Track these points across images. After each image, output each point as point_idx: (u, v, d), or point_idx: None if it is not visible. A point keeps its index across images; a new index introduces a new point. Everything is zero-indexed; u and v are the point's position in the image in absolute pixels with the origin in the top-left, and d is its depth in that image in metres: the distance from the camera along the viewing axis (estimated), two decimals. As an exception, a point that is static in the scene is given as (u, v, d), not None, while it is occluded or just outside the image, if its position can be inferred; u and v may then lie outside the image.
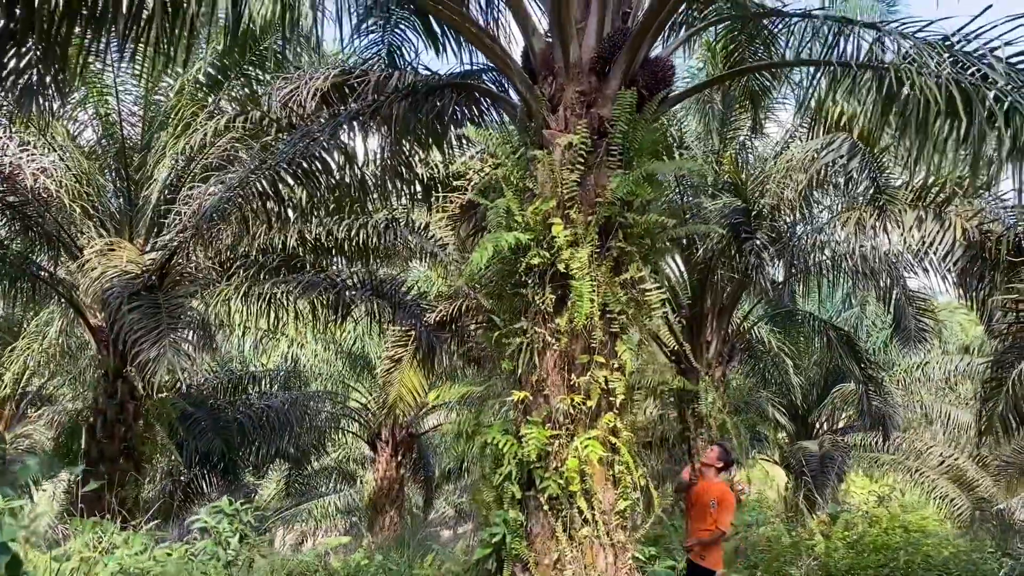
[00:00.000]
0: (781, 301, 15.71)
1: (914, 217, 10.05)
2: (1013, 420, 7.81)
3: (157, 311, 7.94)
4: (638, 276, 5.19)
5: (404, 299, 10.40)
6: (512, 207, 5.26)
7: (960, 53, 6.15)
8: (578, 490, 5.09)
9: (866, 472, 17.55)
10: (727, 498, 6.10)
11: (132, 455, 11.07)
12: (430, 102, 6.69)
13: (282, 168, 7.47)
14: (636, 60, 5.45)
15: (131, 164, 10.68)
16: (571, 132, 5.32)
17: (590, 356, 5.20)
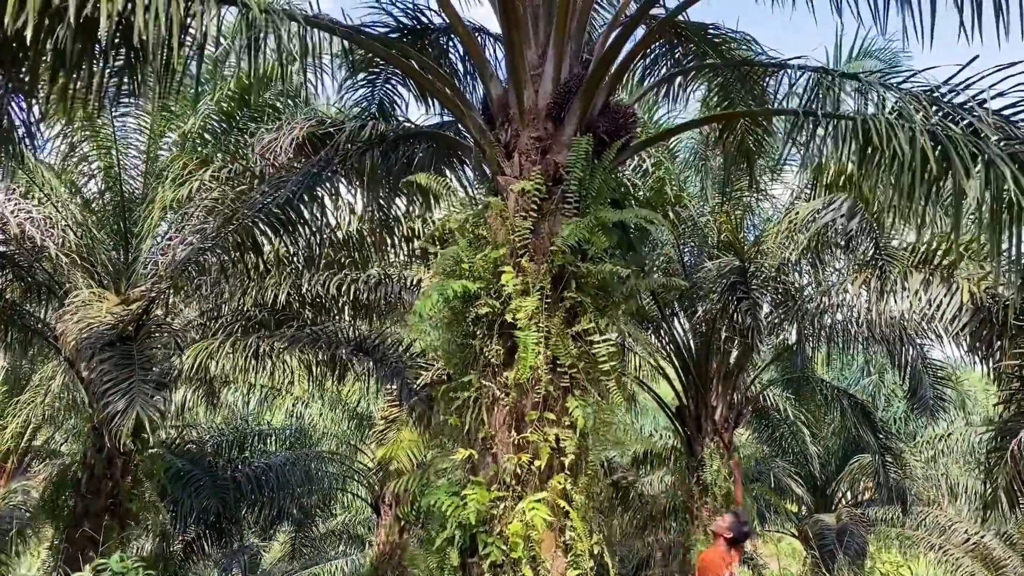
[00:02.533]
0: (795, 366, 15.29)
1: (920, 280, 9.72)
2: (1019, 492, 7.34)
3: (129, 362, 7.81)
4: (591, 328, 4.93)
5: (388, 356, 10.19)
6: (461, 254, 5.06)
7: (948, 104, 5.92)
8: (523, 557, 4.76)
9: (887, 548, 16.81)
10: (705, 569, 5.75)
11: (118, 511, 10.86)
12: (400, 151, 6.59)
13: (258, 218, 7.40)
14: (592, 106, 5.30)
15: (130, 217, 10.73)
16: (526, 178, 5.15)
17: (539, 412, 4.93)
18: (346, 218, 9.70)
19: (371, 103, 8.43)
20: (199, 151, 10.29)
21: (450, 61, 7.23)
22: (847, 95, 6.24)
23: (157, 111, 10.33)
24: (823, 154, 7.64)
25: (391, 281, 10.82)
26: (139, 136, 10.90)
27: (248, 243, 7.68)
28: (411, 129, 6.80)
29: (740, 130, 8.30)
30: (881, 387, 18.59)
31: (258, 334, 9.70)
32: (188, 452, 14.80)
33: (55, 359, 13.95)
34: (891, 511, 16.24)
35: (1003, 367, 8.30)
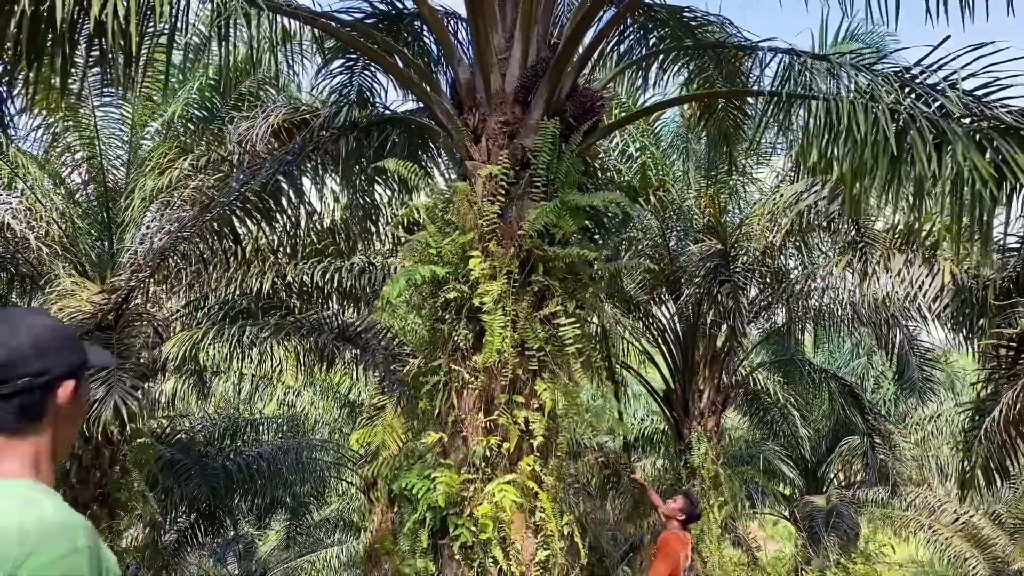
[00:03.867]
0: (785, 349, 15.35)
1: (902, 261, 9.75)
2: (995, 471, 7.37)
3: (108, 351, 7.81)
4: (558, 312, 4.95)
5: (372, 343, 10.20)
6: (429, 239, 5.07)
7: (920, 86, 5.92)
8: (493, 538, 4.79)
9: (880, 529, 16.91)
10: (660, 549, 5.81)
11: (107, 502, 10.89)
12: (374, 137, 6.58)
13: (235, 206, 7.39)
14: (560, 90, 5.29)
15: (114, 206, 10.71)
16: (493, 163, 5.15)
17: (508, 395, 4.95)
18: (330, 206, 9.71)
19: (350, 90, 8.41)
20: (180, 140, 10.28)
21: (424, 45, 7.21)
22: (819, 77, 6.23)
23: (139, 101, 10.31)
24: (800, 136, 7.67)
25: (375, 269, 10.82)
26: (122, 126, 10.90)
27: (227, 231, 7.68)
28: (384, 115, 6.79)
29: (719, 113, 8.30)
30: (870, 369, 18.65)
31: (243, 323, 9.71)
32: (179, 442, 14.82)
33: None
34: (881, 492, 16.35)
35: (982, 346, 8.32)
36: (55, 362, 1.53)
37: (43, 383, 1.51)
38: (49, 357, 1.53)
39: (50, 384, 1.52)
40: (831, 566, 9.43)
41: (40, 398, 1.51)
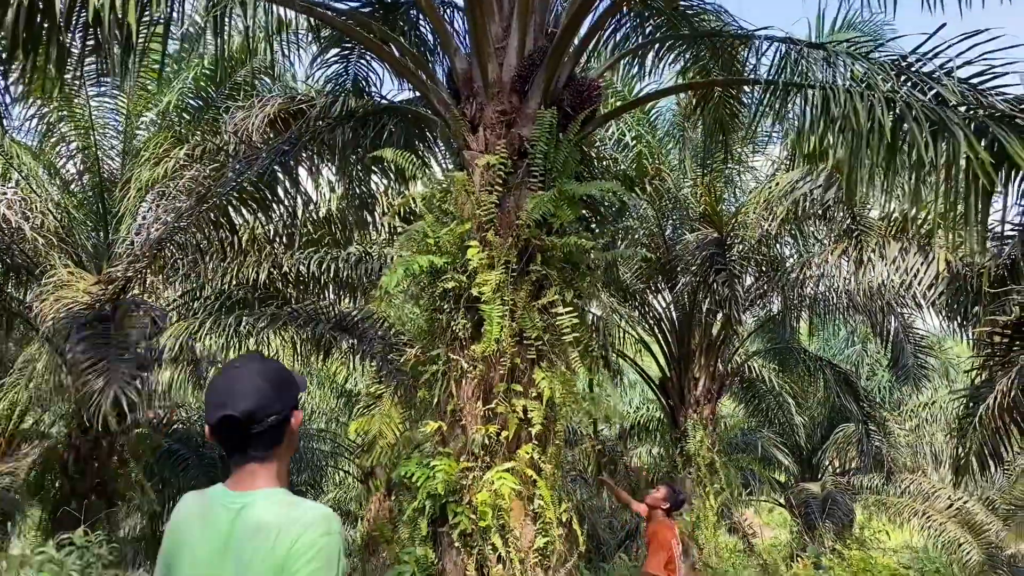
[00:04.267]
0: (780, 337, 15.40)
1: (897, 249, 9.78)
2: (989, 457, 7.43)
3: (106, 342, 7.81)
4: (556, 301, 4.96)
5: (368, 333, 10.20)
6: (427, 229, 5.08)
7: (916, 74, 5.93)
8: (492, 526, 4.82)
9: (875, 515, 17.00)
10: (653, 539, 5.84)
11: (105, 492, 10.92)
12: (370, 127, 6.57)
13: (231, 196, 7.39)
14: (556, 79, 5.29)
15: (109, 197, 10.69)
16: (491, 152, 5.15)
17: (507, 384, 4.97)
18: (326, 195, 9.70)
19: (345, 79, 8.40)
20: (175, 130, 10.26)
21: (420, 35, 7.20)
22: (815, 65, 6.24)
23: (134, 91, 10.28)
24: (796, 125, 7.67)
25: (371, 258, 10.82)
26: (116, 116, 10.86)
27: (223, 221, 7.68)
28: (381, 104, 6.78)
29: (715, 102, 8.31)
30: (865, 357, 18.71)
31: (239, 313, 9.71)
32: (176, 432, 14.83)
33: (38, 341, 13.95)
34: (875, 479, 16.43)
35: (977, 334, 8.36)
36: (287, 398, 1.98)
37: (283, 417, 1.95)
38: (283, 396, 1.96)
39: (286, 417, 1.97)
40: (827, 552, 9.50)
41: (281, 429, 1.96)
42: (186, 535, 1.93)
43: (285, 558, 1.78)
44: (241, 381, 1.94)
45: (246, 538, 1.83)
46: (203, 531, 1.90)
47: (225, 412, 1.90)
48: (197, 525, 1.92)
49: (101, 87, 10.37)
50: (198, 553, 1.88)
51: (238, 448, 1.96)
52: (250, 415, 1.89)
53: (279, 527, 1.81)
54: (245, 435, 1.92)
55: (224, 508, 1.91)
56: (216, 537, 1.87)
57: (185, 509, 2.02)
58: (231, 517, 1.88)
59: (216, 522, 1.89)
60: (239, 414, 1.89)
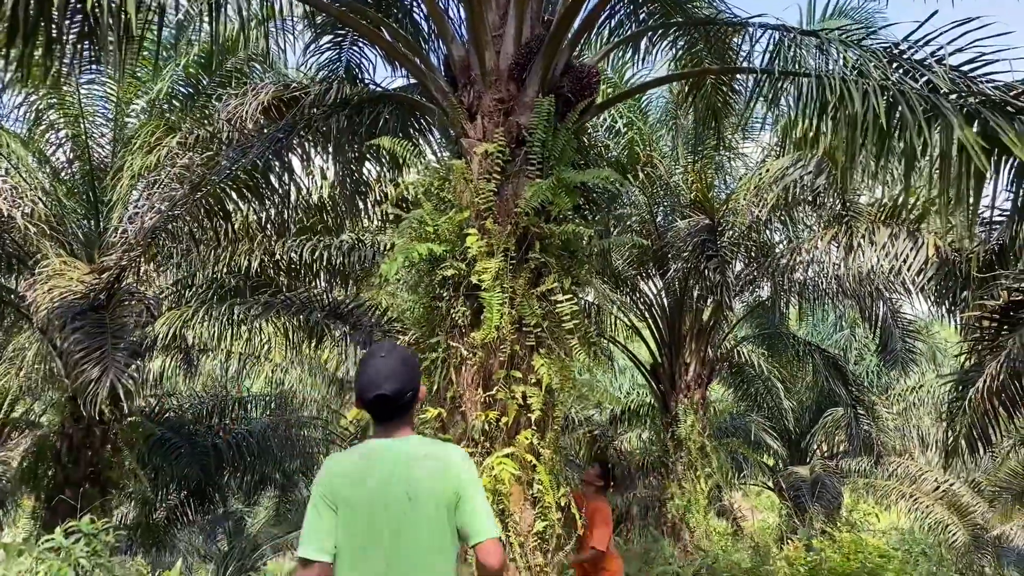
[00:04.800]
0: (769, 322, 15.51)
1: (887, 234, 9.85)
2: (978, 440, 7.55)
3: (102, 331, 7.82)
4: (555, 288, 5.01)
5: (362, 321, 10.24)
6: (426, 217, 5.10)
7: (908, 61, 5.97)
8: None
9: (863, 498, 17.20)
10: (596, 515, 5.90)
11: (98, 480, 10.92)
12: (365, 115, 6.58)
13: (225, 184, 7.38)
14: (554, 67, 5.32)
15: (99, 185, 10.65)
16: (489, 141, 5.18)
17: (506, 371, 5.02)
18: (317, 183, 9.69)
19: (338, 66, 8.38)
20: (167, 118, 10.21)
21: (414, 21, 7.20)
22: (808, 53, 6.27)
23: (124, 78, 10.22)
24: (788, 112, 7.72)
25: (364, 246, 10.83)
26: (106, 104, 10.81)
27: (217, 209, 7.67)
28: (376, 92, 6.78)
29: (707, 89, 8.34)
30: (853, 341, 18.86)
31: (232, 301, 9.72)
32: (168, 420, 14.83)
33: (28, 330, 13.90)
34: (863, 462, 16.61)
35: (966, 318, 8.47)
36: (418, 375, 2.68)
37: (417, 391, 2.66)
38: (417, 375, 2.67)
39: (416, 389, 2.66)
40: (817, 535, 9.62)
41: (415, 399, 2.66)
42: (353, 477, 2.55)
43: (458, 483, 2.54)
44: (388, 366, 2.60)
45: (414, 464, 2.55)
46: (372, 467, 2.56)
47: (379, 391, 2.56)
48: (364, 466, 2.57)
49: (91, 74, 10.32)
50: (372, 484, 2.52)
51: (389, 415, 2.62)
52: (398, 392, 2.58)
53: (440, 458, 2.58)
54: (395, 406, 2.59)
55: (389, 450, 2.59)
56: (384, 468, 2.54)
57: (344, 461, 2.63)
58: (397, 455, 2.57)
59: (384, 459, 2.56)
60: (390, 393, 2.56)
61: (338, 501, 2.53)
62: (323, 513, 2.53)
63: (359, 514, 2.51)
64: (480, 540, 2.52)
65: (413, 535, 2.49)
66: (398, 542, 2.48)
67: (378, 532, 2.49)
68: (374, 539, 2.49)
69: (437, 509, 2.51)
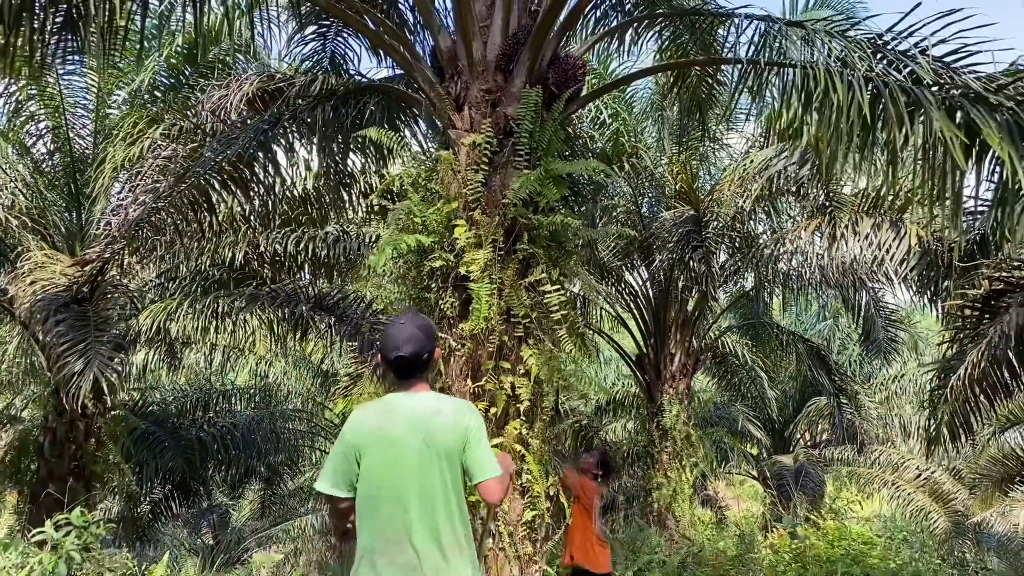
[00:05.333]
0: (753, 312, 15.59)
1: (870, 225, 9.91)
2: (960, 427, 7.63)
3: (85, 324, 7.75)
4: (543, 278, 5.02)
5: (349, 312, 10.21)
6: (414, 208, 5.10)
7: (891, 52, 6.00)
8: (481, 501, 4.88)
9: (845, 486, 17.36)
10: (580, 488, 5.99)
11: (82, 474, 10.85)
12: (351, 106, 6.55)
13: (210, 176, 7.32)
14: (541, 58, 5.32)
15: (81, 177, 10.56)
16: (476, 132, 5.18)
17: (495, 361, 5.03)
18: (302, 175, 9.65)
19: (323, 57, 8.35)
20: (149, 109, 10.13)
21: (400, 12, 7.17)
22: (793, 44, 6.30)
23: (105, 69, 10.13)
24: (772, 103, 7.75)
25: (349, 238, 10.79)
26: (87, 95, 10.70)
27: (202, 201, 7.61)
28: (362, 83, 6.75)
29: (692, 80, 8.37)
30: (836, 331, 18.99)
31: (216, 293, 9.66)
32: (152, 413, 14.75)
33: (10, 323, 13.77)
34: (846, 451, 16.76)
35: (947, 307, 8.55)
36: (433, 341, 3.03)
37: (432, 353, 3.01)
38: (432, 340, 3.02)
39: (432, 352, 3.01)
40: (800, 523, 9.71)
41: (431, 360, 3.03)
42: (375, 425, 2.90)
43: (467, 431, 2.89)
44: (407, 331, 2.96)
45: (430, 416, 2.89)
46: (392, 417, 2.90)
47: (399, 353, 2.92)
48: (385, 417, 2.91)
49: (71, 65, 10.21)
50: (393, 431, 2.86)
51: (407, 373, 2.97)
52: (416, 354, 2.93)
53: (451, 410, 2.93)
54: (413, 366, 2.95)
55: (408, 404, 2.93)
56: (404, 419, 2.88)
57: (366, 414, 2.99)
58: (414, 407, 2.91)
59: (403, 411, 2.90)
60: (408, 355, 2.93)
61: (362, 451, 2.88)
62: (348, 458, 2.89)
63: (381, 461, 2.85)
64: (483, 479, 2.92)
65: (431, 476, 2.85)
66: (420, 483, 2.84)
67: (400, 478, 2.84)
68: (397, 484, 2.84)
69: (449, 453, 2.87)
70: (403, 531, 2.81)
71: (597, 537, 6.07)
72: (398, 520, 2.81)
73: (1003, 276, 7.68)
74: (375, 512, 2.84)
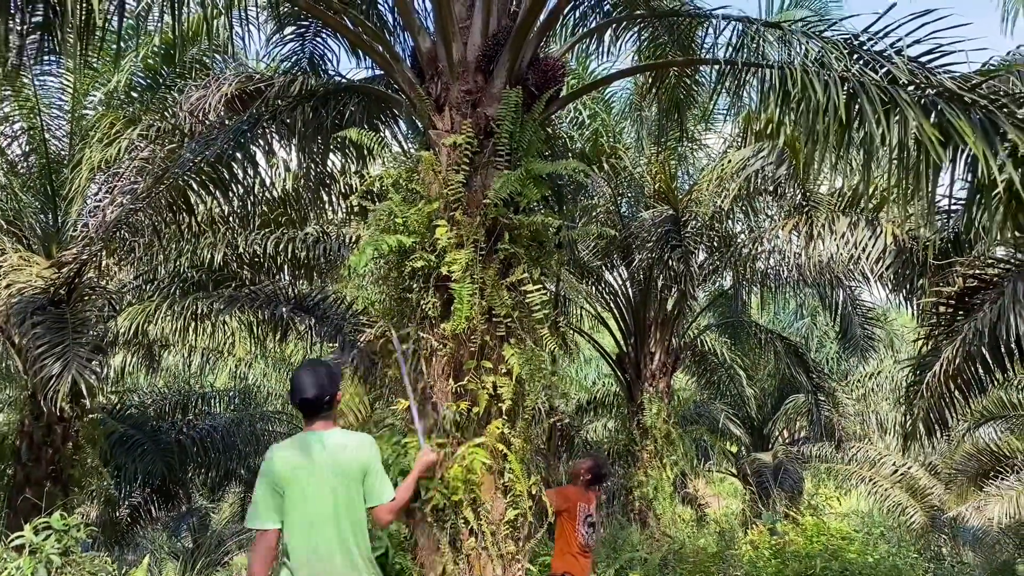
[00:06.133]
0: (731, 311, 15.70)
1: (847, 223, 10.02)
2: (935, 423, 7.74)
3: (62, 326, 7.70)
4: (524, 278, 5.04)
5: (329, 313, 10.19)
6: (395, 209, 5.10)
7: (868, 53, 6.07)
8: (464, 500, 4.90)
9: (823, 483, 17.52)
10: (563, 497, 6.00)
11: (60, 478, 10.75)
12: (331, 106, 6.55)
13: (189, 177, 7.30)
14: (521, 59, 5.33)
15: (57, 178, 10.46)
16: (457, 132, 5.19)
17: (477, 361, 5.04)
18: (282, 175, 9.61)
19: (301, 57, 8.32)
20: (126, 110, 10.06)
21: (379, 13, 7.17)
22: (770, 45, 6.36)
23: (81, 69, 10.04)
24: (750, 103, 7.81)
25: (329, 239, 10.76)
26: (63, 95, 10.60)
27: (180, 202, 7.58)
28: (341, 83, 6.74)
29: (671, 81, 8.42)
30: (814, 329, 19.16)
31: (195, 295, 9.62)
32: (130, 417, 14.64)
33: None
34: (824, 448, 16.92)
35: (923, 305, 8.66)
36: (336, 385, 3.58)
37: (334, 395, 3.56)
38: (334, 384, 3.58)
39: (335, 395, 3.57)
40: (780, 519, 9.81)
41: (333, 401, 3.57)
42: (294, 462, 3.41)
43: (366, 463, 3.51)
44: (310, 378, 3.50)
45: (338, 451, 3.45)
46: (307, 453, 3.41)
47: (304, 396, 3.48)
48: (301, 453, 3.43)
49: (46, 65, 10.11)
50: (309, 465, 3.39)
51: (313, 413, 3.52)
52: (318, 397, 3.48)
53: (355, 445, 3.52)
54: (317, 407, 3.50)
55: (318, 441, 3.47)
56: (317, 454, 3.42)
57: (284, 450, 3.49)
58: (324, 443, 3.46)
59: (315, 447, 3.44)
60: (312, 398, 3.48)
61: (283, 484, 3.35)
62: (271, 493, 3.36)
63: (303, 492, 3.35)
64: (378, 503, 3.52)
65: (346, 503, 3.40)
66: (337, 510, 3.37)
67: (321, 504, 3.36)
68: (319, 510, 3.35)
69: (355, 482, 3.45)
70: (326, 549, 3.34)
71: (579, 546, 6.06)
72: (322, 540, 3.34)
73: (976, 273, 7.80)
74: (302, 534, 3.33)
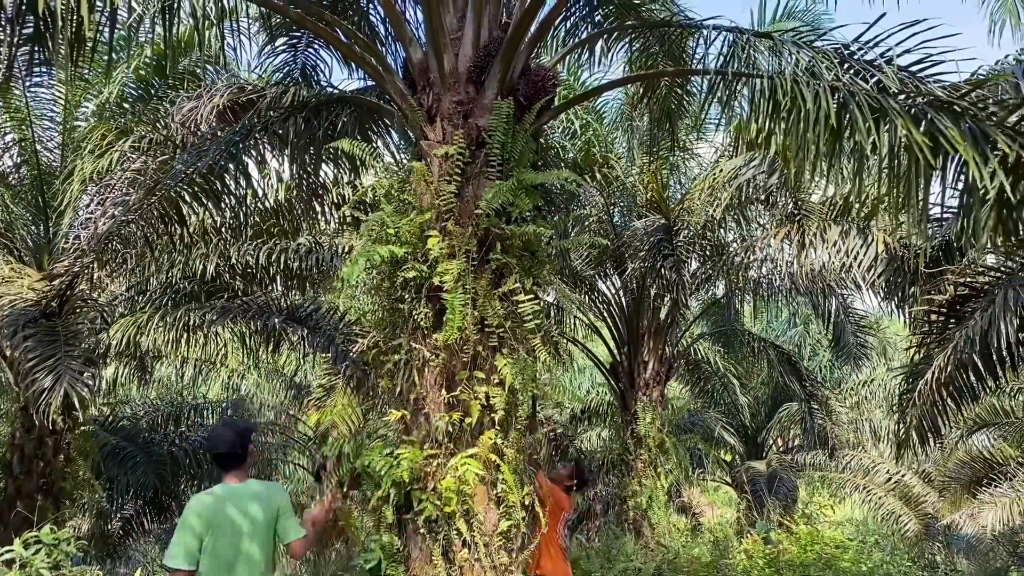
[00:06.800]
0: (725, 320, 15.74)
1: (838, 232, 10.05)
2: (928, 431, 7.75)
3: (54, 338, 7.67)
4: (516, 288, 5.04)
5: (322, 324, 10.18)
6: (387, 219, 5.10)
7: (858, 62, 6.10)
8: (456, 511, 4.89)
9: (817, 491, 17.51)
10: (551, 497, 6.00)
11: (52, 491, 10.69)
12: (323, 117, 6.55)
13: (181, 188, 7.29)
14: (512, 70, 5.35)
15: (48, 190, 10.44)
16: (448, 143, 5.19)
17: (469, 372, 5.04)
18: (274, 186, 9.61)
19: (293, 68, 8.33)
20: (117, 121, 10.05)
21: (371, 24, 7.19)
22: (761, 55, 6.39)
23: (72, 80, 10.03)
24: (741, 113, 7.83)
25: (322, 249, 10.77)
26: (54, 107, 10.59)
27: (172, 214, 7.57)
28: (333, 94, 6.75)
29: (662, 91, 8.45)
30: (807, 337, 19.19)
31: (188, 306, 9.60)
32: (122, 429, 14.57)
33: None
34: (818, 456, 16.92)
35: (915, 313, 8.68)
36: (247, 440, 4.20)
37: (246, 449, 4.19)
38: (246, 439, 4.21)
39: (246, 449, 4.18)
40: (774, 528, 9.80)
41: (244, 456, 4.19)
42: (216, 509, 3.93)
43: (278, 508, 4.14)
44: (225, 434, 4.17)
45: (252, 498, 4.06)
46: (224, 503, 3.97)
47: (218, 451, 4.14)
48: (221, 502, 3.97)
49: (38, 77, 10.10)
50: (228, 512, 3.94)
51: (227, 467, 4.15)
52: (231, 452, 4.13)
53: (267, 493, 4.16)
54: (231, 461, 4.14)
55: (235, 491, 4.05)
56: (234, 504, 3.99)
57: (206, 500, 3.99)
58: (240, 493, 4.05)
59: (232, 496, 4.02)
60: (225, 452, 4.13)
61: (204, 529, 3.85)
62: (192, 536, 3.84)
63: (222, 537, 3.89)
64: (288, 541, 4.18)
65: (260, 547, 4.02)
66: (251, 553, 3.96)
67: (237, 548, 3.93)
68: (235, 553, 3.92)
69: (268, 526, 4.07)
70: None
71: (558, 547, 6.08)
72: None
73: (968, 281, 7.82)
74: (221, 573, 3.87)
